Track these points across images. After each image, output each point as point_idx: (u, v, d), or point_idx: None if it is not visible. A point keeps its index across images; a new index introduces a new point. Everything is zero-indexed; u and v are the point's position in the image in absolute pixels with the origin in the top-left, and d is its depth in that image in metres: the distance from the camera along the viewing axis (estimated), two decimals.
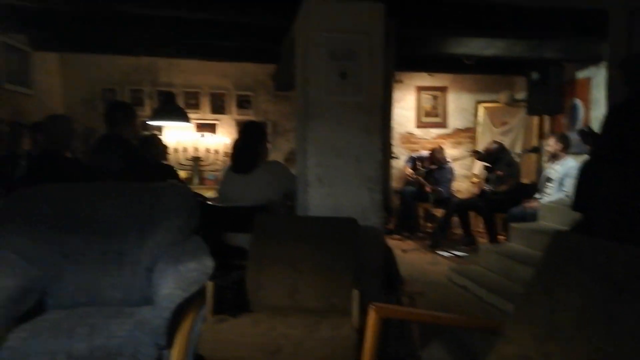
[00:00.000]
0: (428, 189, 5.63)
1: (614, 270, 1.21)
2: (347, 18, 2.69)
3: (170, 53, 5.40)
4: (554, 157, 4.58)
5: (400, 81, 6.17)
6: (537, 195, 4.63)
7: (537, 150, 5.57)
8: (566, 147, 4.53)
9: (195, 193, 3.04)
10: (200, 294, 1.89)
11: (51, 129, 3.19)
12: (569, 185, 4.12)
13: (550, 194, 4.46)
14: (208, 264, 2.01)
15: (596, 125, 4.04)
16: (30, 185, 2.96)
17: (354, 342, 1.67)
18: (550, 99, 5.22)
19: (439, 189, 5.54)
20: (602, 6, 3.13)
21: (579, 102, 5.05)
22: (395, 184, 6.39)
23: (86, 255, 2.28)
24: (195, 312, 1.89)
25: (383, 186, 2.78)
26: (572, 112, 5.12)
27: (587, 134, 3.55)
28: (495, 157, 5.29)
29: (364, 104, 2.71)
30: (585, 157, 3.13)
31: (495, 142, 5.54)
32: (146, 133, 4.54)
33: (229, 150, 3.07)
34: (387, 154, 2.80)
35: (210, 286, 1.90)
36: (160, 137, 4.10)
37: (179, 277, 1.92)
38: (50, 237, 2.25)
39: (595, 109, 4.78)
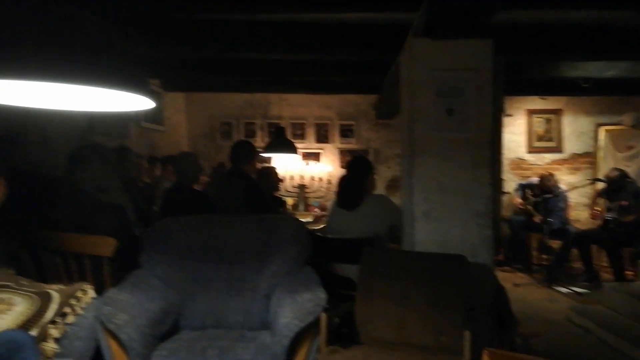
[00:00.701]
0: (537, 219, 5.29)
1: None
2: (453, 55, 2.73)
3: (280, 89, 5.84)
4: None
5: (510, 115, 5.94)
6: None
7: None
8: None
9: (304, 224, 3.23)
10: (314, 324, 2.02)
11: (182, 164, 3.62)
12: None
13: None
14: (321, 295, 2.15)
15: None
16: (165, 214, 3.39)
17: None
18: None
19: (549, 219, 5.16)
20: None
21: None
22: (503, 212, 6.12)
23: (213, 281, 2.55)
24: (310, 342, 2.02)
25: (495, 222, 2.73)
26: None
27: None
28: (617, 186, 4.84)
29: (471, 139, 2.71)
30: None
31: (616, 169, 5.06)
32: (265, 165, 4.90)
33: (336, 186, 3.22)
34: (497, 188, 2.75)
35: (324, 317, 2.02)
36: (276, 170, 4.41)
37: (296, 307, 2.08)
38: (184, 264, 2.54)
39: None
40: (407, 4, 2.87)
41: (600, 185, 5.15)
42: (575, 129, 6.25)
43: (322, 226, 4.02)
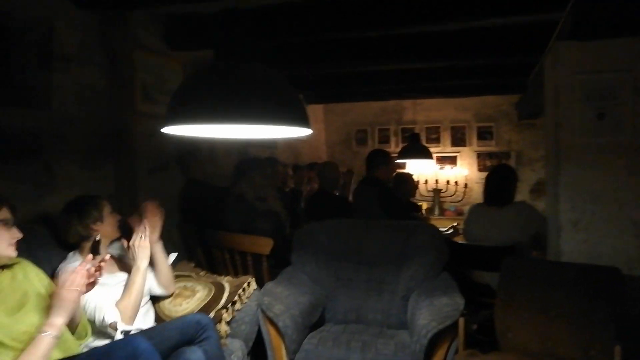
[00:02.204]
0: None
1: None
2: (602, 57, 2.57)
3: (414, 95, 5.89)
4: None
5: None
6: None
7: None
8: None
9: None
10: (452, 328, 2.10)
11: (324, 172, 3.94)
12: None
13: None
14: (459, 301, 2.21)
15: None
16: (309, 217, 3.73)
17: None
18: None
19: None
20: None
21: None
22: None
23: (354, 281, 2.77)
24: (447, 344, 2.11)
25: None
26: None
27: None
28: None
29: (626, 143, 2.52)
30: None
31: None
32: (400, 171, 5.05)
33: (484, 183, 3.20)
34: None
35: (462, 322, 2.09)
36: (411, 176, 4.51)
37: (434, 310, 2.18)
38: (328, 264, 2.81)
39: None
40: (551, 5, 2.76)
41: None
42: None
43: (449, 227, 4.00)
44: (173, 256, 2.35)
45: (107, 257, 1.81)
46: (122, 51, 2.93)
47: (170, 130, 1.50)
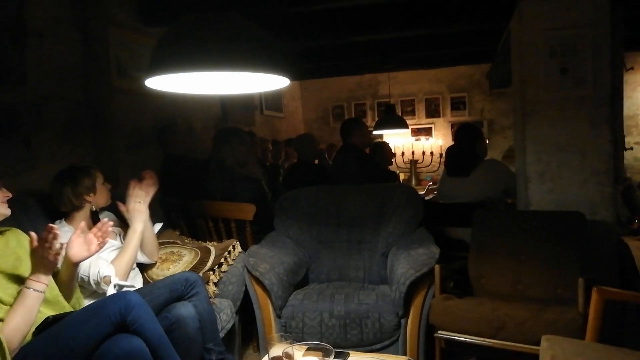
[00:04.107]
0: None
1: None
2: (565, 14, 2.67)
3: (389, 68, 5.95)
4: None
5: (631, 68, 5.36)
6: None
7: None
8: None
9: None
10: (429, 275, 2.22)
11: (300, 144, 4.01)
12: None
13: None
14: (435, 250, 2.33)
15: None
16: (289, 188, 3.81)
17: (579, 326, 1.75)
18: None
19: None
20: None
21: None
22: (638, 177, 5.60)
23: (335, 242, 2.86)
24: (425, 290, 2.23)
25: (617, 180, 2.65)
26: None
27: None
28: None
29: (588, 96, 2.65)
30: None
31: None
32: (378, 140, 5.15)
33: (445, 156, 3.33)
34: (618, 146, 2.65)
35: (437, 268, 2.21)
36: (387, 144, 4.63)
37: (411, 259, 2.29)
38: (310, 227, 2.89)
39: None
40: None
41: None
42: None
43: (430, 196, 4.14)
44: (158, 226, 2.40)
45: (110, 222, 1.82)
46: (96, 27, 2.92)
47: (152, 84, 1.53)
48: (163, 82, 1.57)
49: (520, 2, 2.82)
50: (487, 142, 6.00)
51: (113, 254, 2.10)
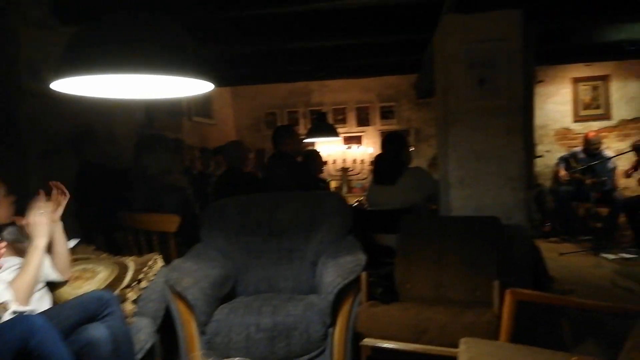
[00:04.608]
0: (589, 181, 5.19)
1: None
2: (483, 28, 2.82)
3: (322, 76, 6.01)
4: None
5: (541, 81, 5.81)
6: None
7: None
8: None
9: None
10: (356, 283, 2.23)
11: (229, 152, 3.92)
12: None
13: None
14: (362, 257, 2.35)
15: None
16: (218, 197, 3.70)
17: (495, 327, 1.82)
18: None
19: (603, 178, 5.09)
20: None
21: None
22: (548, 183, 6.03)
23: (265, 253, 2.81)
24: (352, 298, 2.23)
25: (529, 185, 2.82)
26: None
27: None
28: None
29: (503, 106, 2.81)
30: None
31: None
32: (310, 148, 5.15)
33: (373, 164, 3.39)
34: (530, 153, 2.83)
35: (364, 275, 2.22)
36: (319, 152, 4.64)
37: (339, 268, 2.29)
38: (238, 238, 2.81)
39: None
40: None
41: None
42: (625, 94, 6.03)
43: (355, 202, 4.20)
44: (74, 242, 2.23)
45: (3, 243, 1.65)
46: (4, 25, 2.70)
47: (61, 86, 1.40)
48: (77, 85, 1.45)
49: (442, 16, 2.95)
50: (413, 149, 6.26)
51: (15, 274, 1.90)
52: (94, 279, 2.26)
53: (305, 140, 5.69)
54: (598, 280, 3.85)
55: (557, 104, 6.21)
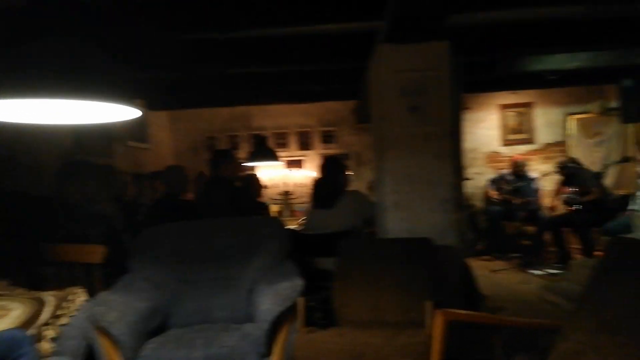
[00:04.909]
0: (518, 201, 5.51)
1: None
2: (415, 57, 2.94)
3: (263, 101, 6.03)
4: None
5: (467, 108, 6.15)
6: (632, 207, 4.37)
7: (627, 160, 5.26)
8: None
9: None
10: (293, 309, 2.19)
11: (169, 177, 3.79)
12: None
13: None
14: (299, 282, 2.31)
15: None
16: (153, 224, 3.54)
17: (428, 348, 1.84)
18: None
19: (529, 198, 5.42)
20: None
21: None
22: (480, 204, 6.32)
23: (200, 281, 2.70)
24: (289, 325, 2.19)
25: (460, 207, 2.93)
26: None
27: None
28: (570, 173, 5.14)
29: (434, 133, 2.91)
30: None
31: (568, 157, 5.41)
32: (248, 173, 5.10)
33: (311, 188, 3.40)
34: (459, 176, 2.95)
35: (301, 302, 2.19)
36: (257, 176, 4.61)
37: (275, 294, 2.24)
38: (171, 267, 2.69)
39: None
40: (371, 13, 3.07)
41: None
42: (547, 119, 6.50)
43: (295, 226, 4.19)
44: None
45: None
46: None
47: None
48: None
49: (377, 45, 3.04)
50: (353, 173, 6.36)
51: None
52: (7, 317, 2.07)
53: (245, 165, 5.64)
54: (526, 295, 4.04)
55: (486, 129, 6.57)
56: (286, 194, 6.35)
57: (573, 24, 3.91)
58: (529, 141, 6.50)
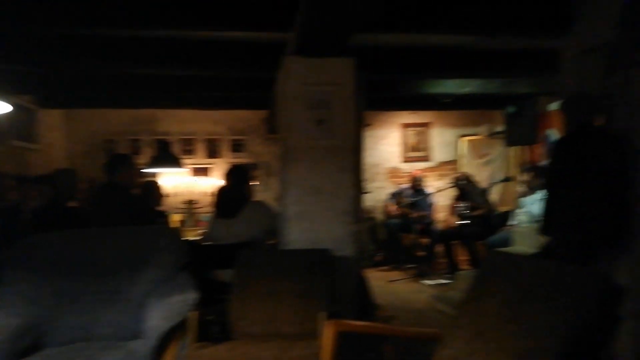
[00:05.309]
0: (416, 215, 5.84)
1: (523, 278, 1.43)
2: (321, 72, 3.00)
3: (169, 105, 5.78)
4: (529, 186, 4.83)
5: (369, 124, 6.43)
6: (512, 222, 4.85)
7: (509, 179, 5.85)
8: (539, 177, 4.77)
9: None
10: (184, 324, 2.09)
11: (57, 181, 3.47)
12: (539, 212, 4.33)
13: (523, 220, 4.68)
14: (191, 296, 2.22)
15: None
16: (35, 233, 3.21)
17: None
18: (525, 130, 5.51)
19: (424, 212, 5.77)
20: (555, 47, 3.44)
21: (553, 132, 5.33)
22: (380, 217, 6.61)
23: (82, 296, 2.48)
24: (179, 341, 2.09)
25: (359, 219, 3.02)
26: (547, 141, 5.39)
27: (537, 169, 3.83)
28: (462, 188, 5.59)
29: (337, 146, 2.99)
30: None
31: (462, 173, 5.88)
32: (148, 179, 4.84)
33: (215, 197, 3.32)
34: (359, 189, 3.05)
35: (193, 316, 2.10)
36: (158, 183, 4.39)
37: (165, 309, 2.13)
38: (49, 280, 2.45)
39: None
40: (282, 25, 3.10)
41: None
42: (442, 140, 7.01)
43: (195, 237, 4.07)
44: None
45: None
46: None
47: None
48: None
49: (285, 57, 3.06)
50: (259, 183, 6.33)
51: None
52: None
53: (146, 171, 5.36)
54: (419, 304, 4.27)
55: (388, 146, 6.92)
56: (190, 202, 6.13)
57: (466, 53, 4.28)
58: (426, 159, 6.95)
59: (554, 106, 5.30)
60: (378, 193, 6.67)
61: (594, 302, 1.18)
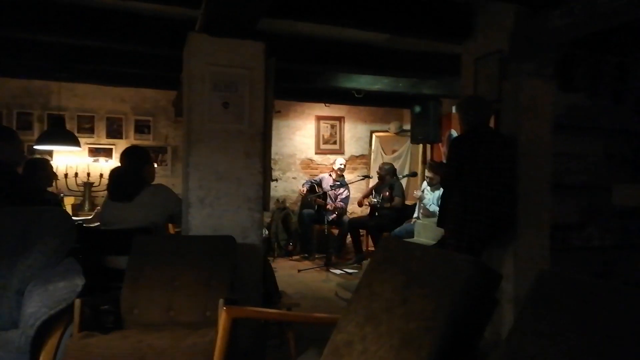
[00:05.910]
0: (329, 206, 5.94)
1: (411, 264, 1.50)
2: (229, 53, 2.89)
3: (65, 77, 5.28)
4: (431, 181, 5.13)
5: (279, 111, 6.45)
6: (415, 215, 5.13)
7: (414, 174, 6.18)
8: (438, 174, 5.10)
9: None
10: (67, 313, 1.93)
11: None
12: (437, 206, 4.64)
13: (425, 214, 4.98)
14: (78, 282, 2.06)
15: None
16: None
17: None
18: (430, 129, 5.82)
19: (341, 203, 5.90)
20: (457, 52, 3.68)
21: (454, 133, 5.70)
22: (293, 207, 6.65)
23: None
24: (62, 330, 1.92)
25: (264, 207, 2.99)
26: (449, 141, 5.76)
27: (435, 165, 4.09)
28: (382, 178, 5.80)
29: (245, 131, 2.91)
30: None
31: (386, 163, 6.08)
32: (36, 157, 4.40)
33: (108, 179, 3.10)
34: (267, 176, 3.02)
35: (78, 303, 1.94)
36: (48, 162, 4.00)
37: (47, 296, 1.95)
38: None
39: None
40: (190, 0, 2.95)
41: (373, 181, 6.09)
42: (354, 134, 7.20)
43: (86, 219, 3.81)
44: None
45: None
46: None
47: None
48: None
49: (190, 34, 2.92)
50: (162, 166, 6.06)
51: None
52: None
53: (36, 147, 4.89)
54: (325, 292, 4.37)
55: (303, 137, 6.96)
56: (88, 185, 5.70)
57: (378, 51, 4.42)
58: (339, 152, 7.09)
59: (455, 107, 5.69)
60: (292, 183, 6.69)
61: (466, 285, 1.26)
